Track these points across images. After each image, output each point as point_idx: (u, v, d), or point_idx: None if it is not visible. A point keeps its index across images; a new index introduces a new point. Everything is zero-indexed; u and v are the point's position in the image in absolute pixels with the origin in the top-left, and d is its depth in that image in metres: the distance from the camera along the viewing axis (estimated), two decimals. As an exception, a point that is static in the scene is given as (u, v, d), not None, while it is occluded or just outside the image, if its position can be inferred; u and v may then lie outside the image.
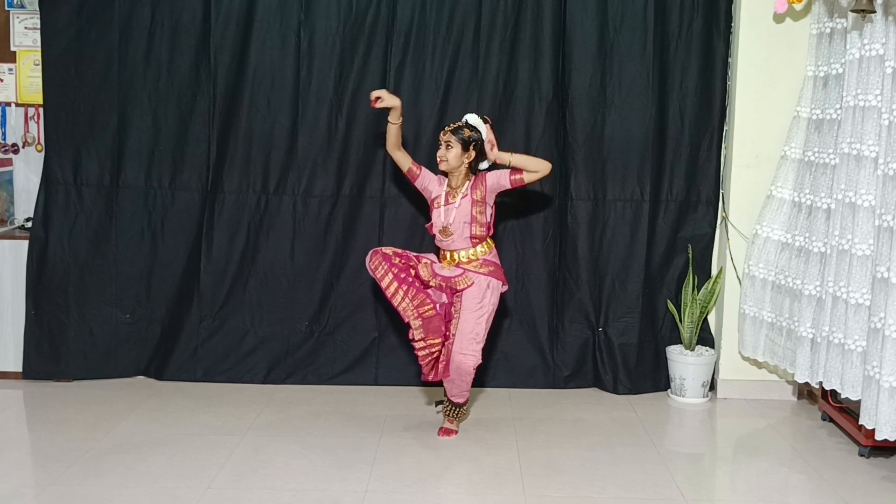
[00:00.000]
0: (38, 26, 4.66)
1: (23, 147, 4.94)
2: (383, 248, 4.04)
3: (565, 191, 4.73)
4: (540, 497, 3.44)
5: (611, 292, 4.75)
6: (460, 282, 3.95)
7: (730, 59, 4.64)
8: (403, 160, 4.03)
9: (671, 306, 4.73)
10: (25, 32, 4.86)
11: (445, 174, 4.02)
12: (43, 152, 4.75)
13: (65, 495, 3.36)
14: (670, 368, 4.69)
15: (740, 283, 4.57)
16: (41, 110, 4.78)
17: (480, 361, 3.97)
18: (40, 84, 4.69)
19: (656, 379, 4.77)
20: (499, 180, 3.93)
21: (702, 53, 4.63)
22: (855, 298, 3.69)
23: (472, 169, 3.98)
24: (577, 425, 4.25)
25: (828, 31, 4.12)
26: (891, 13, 3.52)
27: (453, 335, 3.94)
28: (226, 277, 4.73)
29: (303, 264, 4.74)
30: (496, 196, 4.00)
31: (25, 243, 4.65)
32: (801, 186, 4.24)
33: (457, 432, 4.10)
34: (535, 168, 3.88)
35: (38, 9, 4.62)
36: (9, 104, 4.91)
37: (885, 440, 3.57)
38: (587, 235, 4.72)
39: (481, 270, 3.96)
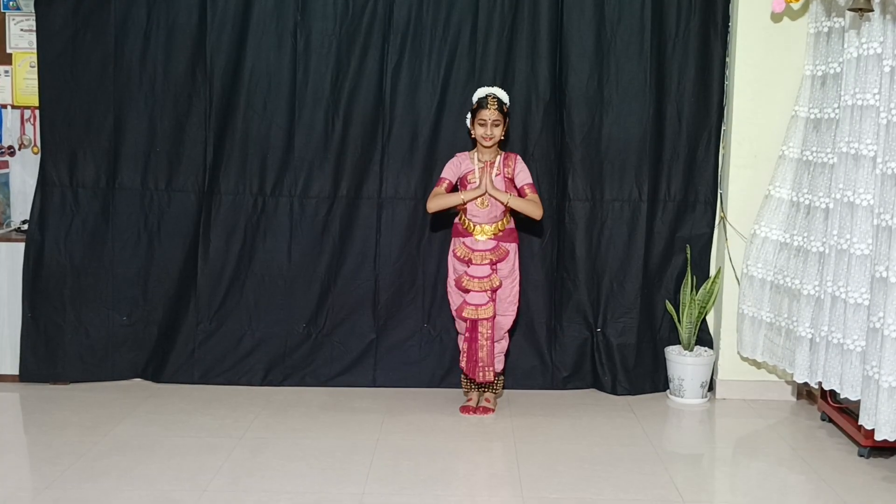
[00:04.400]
0: (34, 28, 4.63)
1: (19, 149, 4.93)
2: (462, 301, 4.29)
3: (563, 191, 4.72)
4: (538, 499, 3.43)
5: (609, 293, 4.74)
6: (498, 253, 4.26)
7: (727, 59, 4.63)
8: (444, 204, 4.26)
9: (669, 307, 4.72)
10: (21, 34, 4.85)
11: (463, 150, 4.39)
12: (39, 154, 4.74)
13: (61, 498, 3.35)
14: (669, 369, 4.68)
15: (739, 283, 4.56)
16: (37, 112, 4.77)
17: (515, 316, 4.40)
18: (36, 86, 4.67)
19: (655, 379, 4.76)
20: (517, 181, 4.26)
21: (699, 53, 4.62)
22: (854, 298, 3.68)
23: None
24: (575, 426, 4.24)
25: (825, 30, 4.11)
26: (888, 12, 3.51)
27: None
28: (223, 279, 4.72)
29: (300, 266, 4.72)
30: None
31: (22, 246, 4.64)
32: (799, 186, 4.23)
33: (493, 410, 4.40)
34: (529, 212, 4.22)
35: (33, 10, 4.61)
36: (5, 106, 4.91)
37: (885, 440, 3.55)
38: (585, 236, 4.71)
39: (510, 239, 4.30)
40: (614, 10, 4.59)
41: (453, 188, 4.29)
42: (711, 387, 4.70)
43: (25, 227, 4.77)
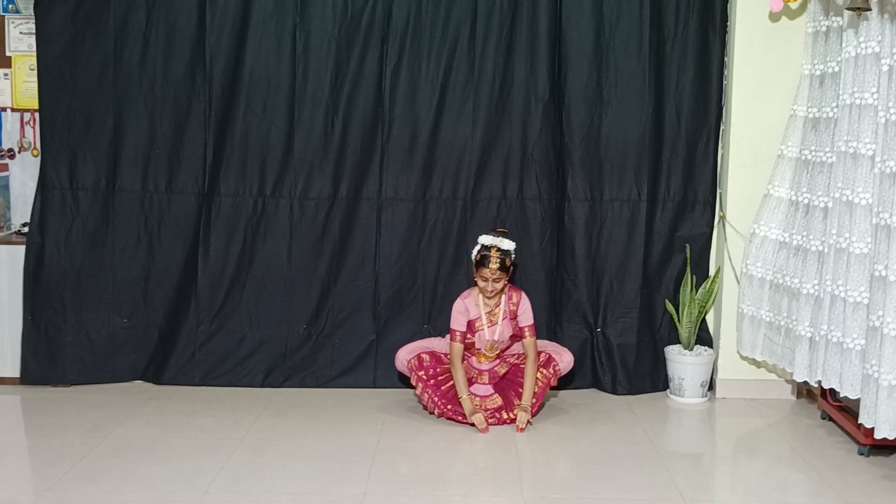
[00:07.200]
0: (34, 31, 4.64)
1: (19, 152, 4.93)
2: (423, 357, 4.33)
3: (562, 191, 4.72)
4: (538, 498, 3.43)
5: (609, 293, 4.74)
6: (502, 368, 4.39)
7: (726, 58, 4.63)
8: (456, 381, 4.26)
9: (669, 306, 4.72)
10: (21, 37, 4.85)
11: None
12: (39, 157, 4.75)
13: (62, 500, 3.36)
14: (669, 368, 4.68)
15: (738, 283, 4.56)
16: (37, 115, 4.77)
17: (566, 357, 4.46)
18: (36, 89, 4.67)
19: (655, 379, 4.77)
20: (520, 322, 4.26)
21: (698, 53, 4.63)
22: (853, 297, 3.68)
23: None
24: (575, 426, 4.25)
25: (823, 29, 4.11)
26: (886, 11, 3.52)
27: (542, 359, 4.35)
28: (223, 281, 4.72)
29: (300, 267, 4.73)
30: None
31: (22, 248, 4.64)
32: (798, 185, 4.23)
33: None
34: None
35: (33, 13, 4.61)
36: (5, 109, 4.91)
37: (885, 439, 3.56)
38: (584, 236, 4.72)
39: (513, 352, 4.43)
40: (613, 10, 4.60)
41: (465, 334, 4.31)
42: (711, 386, 4.70)
43: (26, 229, 4.77)
